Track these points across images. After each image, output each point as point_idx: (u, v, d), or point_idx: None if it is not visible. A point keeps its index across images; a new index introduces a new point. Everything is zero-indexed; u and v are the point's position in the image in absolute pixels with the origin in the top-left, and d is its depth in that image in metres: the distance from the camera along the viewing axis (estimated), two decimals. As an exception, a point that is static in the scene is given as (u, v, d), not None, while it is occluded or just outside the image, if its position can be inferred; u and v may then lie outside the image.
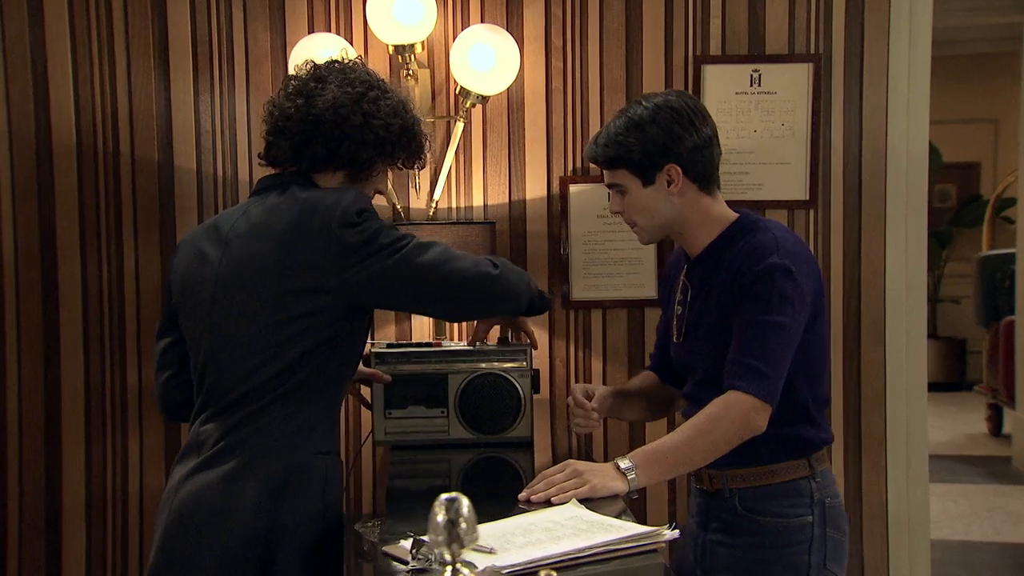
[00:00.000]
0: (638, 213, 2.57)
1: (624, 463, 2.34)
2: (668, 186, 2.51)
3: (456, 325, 3.66)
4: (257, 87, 3.75)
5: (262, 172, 3.70)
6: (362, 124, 2.39)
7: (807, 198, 3.70)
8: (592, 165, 3.34)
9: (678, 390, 2.80)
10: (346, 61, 2.51)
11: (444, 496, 1.25)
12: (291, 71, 2.64)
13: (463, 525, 1.22)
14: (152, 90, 3.75)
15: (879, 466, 3.74)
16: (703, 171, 2.53)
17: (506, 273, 2.43)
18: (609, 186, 2.60)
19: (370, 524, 3.56)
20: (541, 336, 3.70)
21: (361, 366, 2.81)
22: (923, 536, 3.77)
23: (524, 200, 3.76)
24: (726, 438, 2.36)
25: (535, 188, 3.75)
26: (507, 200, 3.74)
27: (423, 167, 2.65)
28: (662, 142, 2.49)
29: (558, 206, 3.74)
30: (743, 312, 2.42)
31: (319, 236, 2.27)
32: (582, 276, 3.74)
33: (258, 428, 2.30)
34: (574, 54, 3.74)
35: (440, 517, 1.24)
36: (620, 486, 2.31)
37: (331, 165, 2.44)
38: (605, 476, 2.32)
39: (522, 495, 2.30)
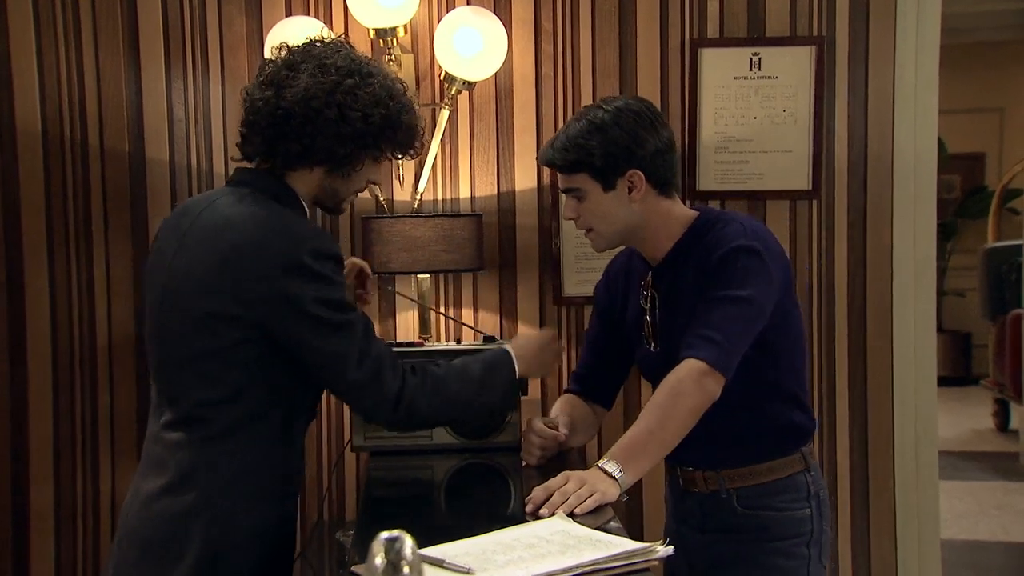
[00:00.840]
0: (597, 219, 2.48)
1: (610, 466, 2.23)
2: (629, 192, 2.44)
3: (443, 325, 3.52)
4: (232, 74, 3.59)
5: (237, 164, 3.59)
6: (336, 118, 2.19)
7: (810, 188, 3.53)
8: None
9: (601, 407, 2.75)
10: (327, 42, 2.31)
11: (384, 535, 1.07)
12: (267, 54, 2.46)
13: (406, 570, 1.04)
14: (121, 77, 3.59)
15: (887, 466, 3.59)
16: (664, 176, 2.46)
17: (411, 418, 2.28)
18: (565, 191, 2.51)
19: (352, 533, 3.41)
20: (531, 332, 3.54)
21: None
22: (933, 537, 3.63)
23: (513, 191, 3.59)
24: (690, 409, 2.29)
25: (524, 179, 3.58)
26: (495, 192, 3.57)
27: (417, 155, 2.44)
28: (625, 145, 2.41)
29: (549, 198, 3.57)
30: (707, 292, 2.36)
31: (260, 270, 2.11)
32: (574, 271, 3.57)
33: (214, 459, 2.17)
34: (565, 38, 3.58)
35: (379, 560, 1.06)
36: (615, 490, 2.21)
37: (306, 161, 2.25)
38: (603, 482, 2.21)
39: (530, 510, 2.15)
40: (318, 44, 2.29)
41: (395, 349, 2.86)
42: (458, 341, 2.98)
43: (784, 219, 3.54)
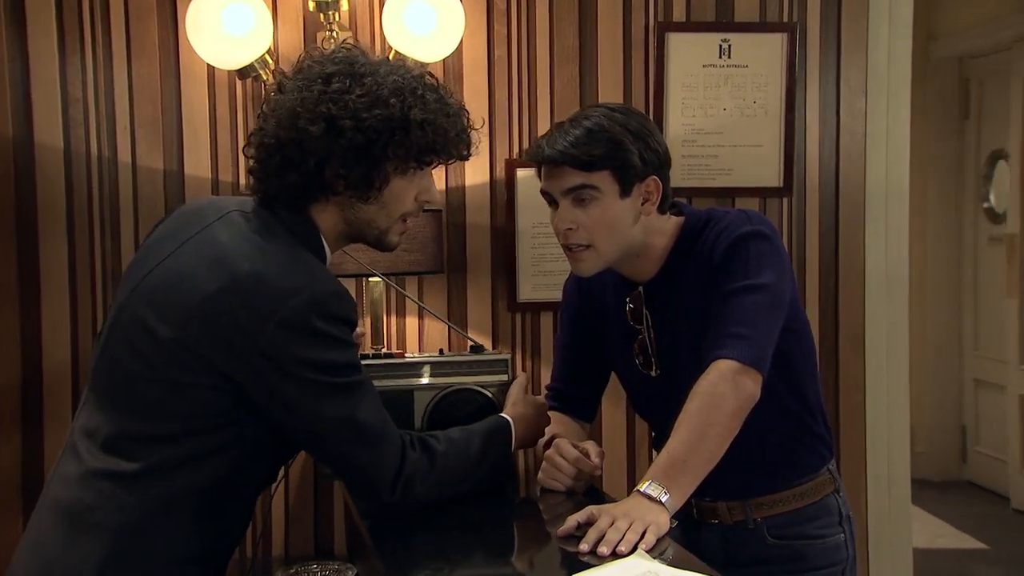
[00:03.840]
0: (602, 230, 2.11)
1: (653, 489, 1.91)
2: (642, 204, 2.12)
3: (419, 332, 3.17)
4: (140, 49, 3.14)
5: (146, 151, 3.14)
6: (323, 132, 1.80)
7: (781, 185, 3.31)
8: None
9: (586, 422, 2.47)
10: (325, 52, 1.92)
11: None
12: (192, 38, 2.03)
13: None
14: (3, 51, 3.10)
15: (859, 484, 3.40)
16: (668, 191, 2.17)
17: (404, 501, 1.93)
18: (572, 191, 2.10)
19: (292, 571, 3.03)
20: (483, 342, 3.19)
21: None
22: (905, 557, 3.47)
23: (463, 187, 3.25)
24: (730, 413, 2.00)
25: (476, 173, 3.25)
26: (443, 187, 3.23)
27: (467, 156, 1.99)
28: (653, 147, 2.11)
29: (503, 194, 3.25)
30: (719, 286, 2.08)
31: (247, 318, 1.74)
32: (530, 274, 3.25)
33: (127, 500, 1.78)
34: (520, 18, 3.27)
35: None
36: (665, 517, 1.89)
37: (316, 192, 1.85)
38: (650, 510, 1.88)
39: (587, 549, 1.80)
40: (314, 53, 1.91)
41: (369, 362, 2.50)
42: (441, 352, 2.61)
43: (754, 218, 3.30)
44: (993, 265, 6.08)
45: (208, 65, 3.11)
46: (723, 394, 1.99)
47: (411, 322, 3.22)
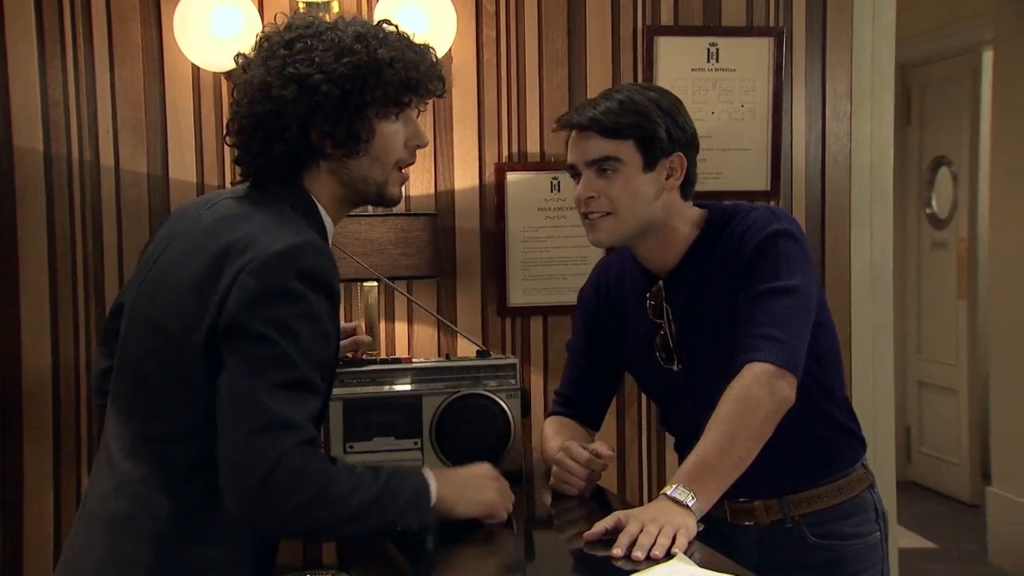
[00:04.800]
0: (624, 199, 2.11)
1: (680, 493, 1.90)
2: (665, 179, 2.12)
3: (409, 337, 3.11)
4: (123, 51, 3.07)
5: (129, 155, 3.08)
6: (297, 93, 1.75)
7: (768, 188, 3.32)
8: (532, 150, 3.10)
9: (593, 429, 2.44)
10: (278, 25, 1.86)
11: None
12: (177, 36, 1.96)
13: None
14: (-20, 53, 3.01)
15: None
16: (694, 172, 2.18)
17: (277, 510, 1.64)
18: (596, 161, 2.11)
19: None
20: (472, 349, 3.17)
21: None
22: (891, 559, 3.44)
23: (452, 191, 3.21)
24: (763, 418, 1.98)
25: (465, 177, 3.21)
26: (433, 191, 3.19)
27: (442, 93, 1.92)
28: (681, 125, 2.13)
29: (493, 198, 3.22)
30: (748, 286, 2.07)
31: (231, 277, 1.67)
32: (521, 279, 3.23)
33: (160, 505, 1.72)
34: (509, 22, 3.24)
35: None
36: (692, 521, 1.88)
37: (305, 159, 1.81)
38: (677, 514, 1.87)
39: (620, 554, 1.78)
40: (268, 29, 1.87)
41: (375, 368, 2.45)
42: (448, 356, 2.57)
43: (742, 222, 3.31)
44: (936, 270, 6.17)
45: (193, 66, 3.05)
46: (758, 398, 1.98)
47: (400, 327, 3.18)
